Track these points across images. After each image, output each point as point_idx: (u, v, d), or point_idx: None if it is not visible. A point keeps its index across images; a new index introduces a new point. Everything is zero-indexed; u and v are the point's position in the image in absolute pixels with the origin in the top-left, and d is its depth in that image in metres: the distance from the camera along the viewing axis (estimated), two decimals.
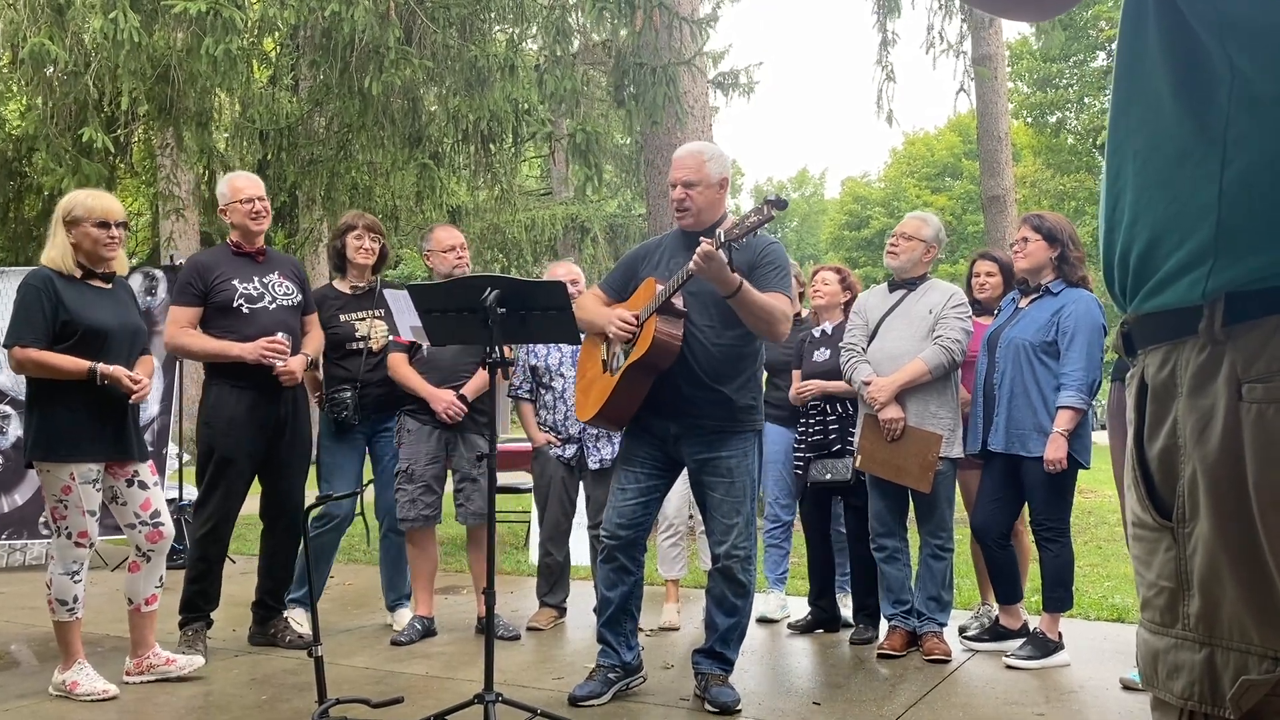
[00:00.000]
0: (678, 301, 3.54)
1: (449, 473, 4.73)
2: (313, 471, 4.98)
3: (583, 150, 7.67)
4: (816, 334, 4.85)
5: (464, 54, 7.36)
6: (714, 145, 3.83)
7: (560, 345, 4.81)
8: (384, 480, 4.82)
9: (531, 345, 4.92)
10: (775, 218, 3.42)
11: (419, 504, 4.63)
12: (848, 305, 4.82)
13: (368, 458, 4.96)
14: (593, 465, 4.82)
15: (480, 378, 4.59)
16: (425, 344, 4.46)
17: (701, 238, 3.40)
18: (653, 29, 7.38)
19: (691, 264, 3.34)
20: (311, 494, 4.80)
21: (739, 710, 3.53)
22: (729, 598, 3.65)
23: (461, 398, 4.55)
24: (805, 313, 5.21)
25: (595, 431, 4.80)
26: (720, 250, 3.29)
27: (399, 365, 4.66)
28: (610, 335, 3.64)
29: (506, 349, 3.93)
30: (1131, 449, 1.12)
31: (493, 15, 8.48)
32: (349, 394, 4.63)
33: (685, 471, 3.82)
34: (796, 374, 4.83)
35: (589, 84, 8.30)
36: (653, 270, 3.70)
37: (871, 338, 4.41)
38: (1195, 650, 1.03)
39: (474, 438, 4.63)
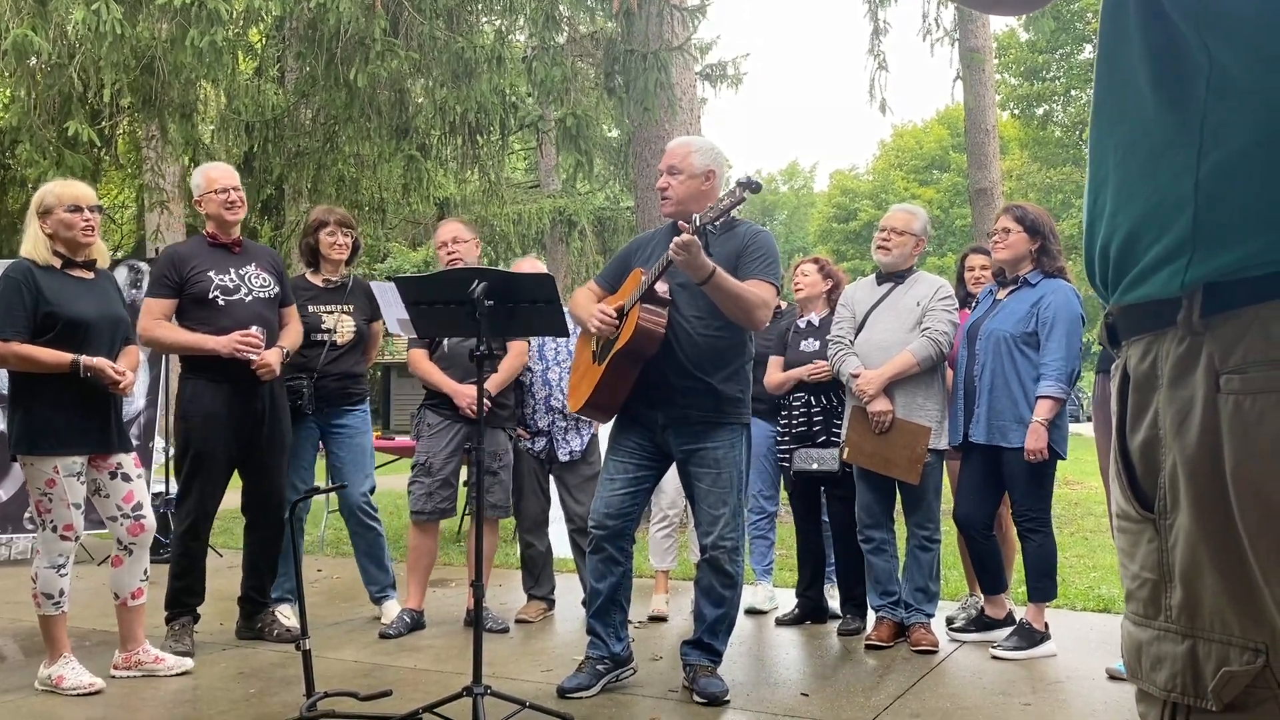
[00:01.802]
0: (662, 290, 3.55)
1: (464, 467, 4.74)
2: None
3: (573, 135, 7.64)
4: (802, 325, 4.85)
5: (451, 45, 7.33)
6: (706, 140, 3.86)
7: (529, 339, 4.81)
8: (341, 476, 4.77)
9: None
10: (748, 200, 3.46)
11: (436, 497, 4.64)
12: (830, 295, 4.82)
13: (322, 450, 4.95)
14: (562, 457, 4.84)
15: (503, 372, 4.63)
16: (409, 335, 4.46)
17: (680, 224, 3.43)
18: (635, 12, 7.35)
19: (669, 251, 3.36)
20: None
21: (727, 701, 3.54)
22: (716, 589, 3.65)
23: (485, 392, 4.54)
24: (784, 304, 5.22)
25: (564, 424, 4.84)
26: (696, 236, 3.32)
27: (419, 361, 4.68)
28: (592, 330, 3.65)
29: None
30: (1114, 440, 1.12)
31: (480, 6, 8.44)
32: (304, 383, 4.62)
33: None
34: (776, 361, 4.83)
35: (578, 75, 8.26)
36: (644, 262, 3.71)
37: (859, 330, 4.42)
38: (1177, 642, 1.03)
39: (496, 432, 4.66)
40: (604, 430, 4.52)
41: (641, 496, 3.80)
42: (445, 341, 4.67)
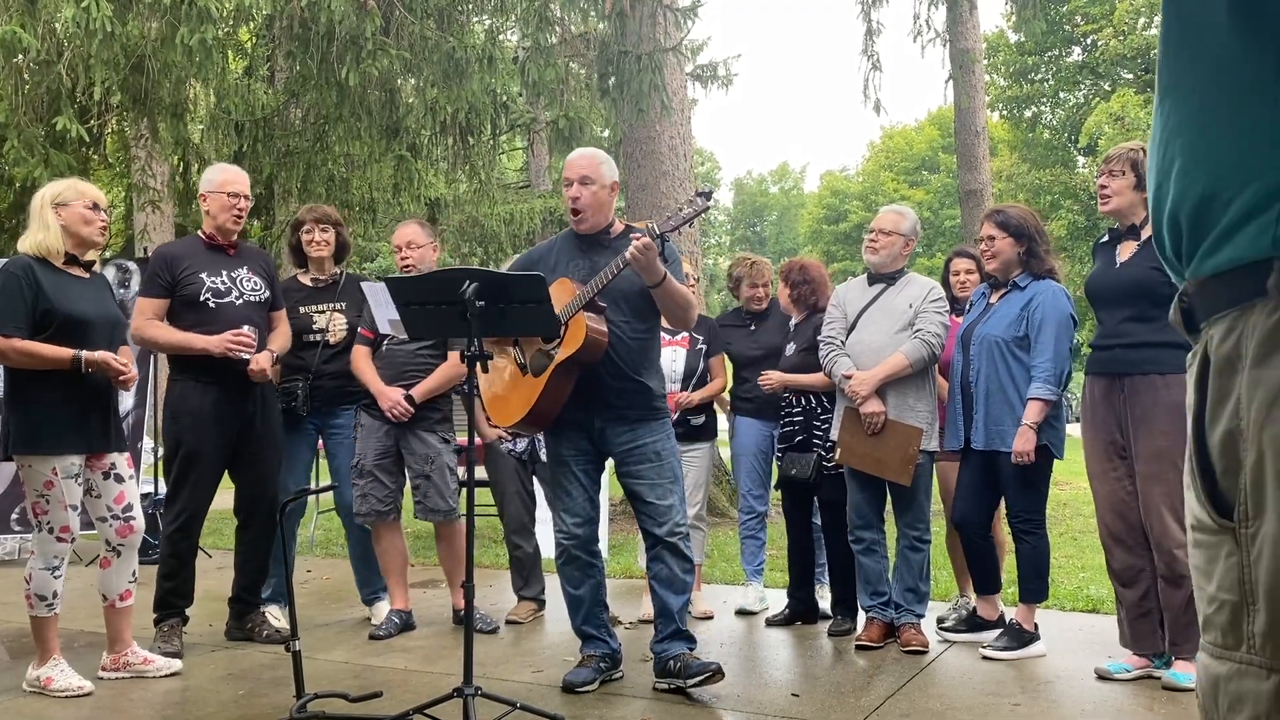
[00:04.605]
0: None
1: (406, 469, 4.70)
2: None
3: (566, 138, 7.65)
4: (790, 328, 4.89)
5: (442, 45, 7.31)
6: (604, 153, 3.95)
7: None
8: (339, 477, 4.78)
9: None
10: (709, 209, 3.63)
11: (370, 499, 4.61)
12: (802, 298, 4.81)
13: (322, 452, 4.94)
14: (545, 457, 4.83)
15: (433, 379, 4.57)
16: (400, 336, 4.45)
17: (631, 231, 3.53)
18: (628, 14, 7.36)
19: (628, 254, 3.45)
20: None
21: (722, 674, 3.59)
22: (679, 575, 3.71)
23: (409, 398, 4.53)
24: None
25: None
26: (654, 241, 3.44)
27: (358, 359, 4.65)
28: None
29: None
30: (1191, 438, 0.96)
31: (470, 6, 8.42)
32: (300, 384, 4.62)
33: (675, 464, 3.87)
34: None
35: (570, 77, 8.26)
36: (550, 275, 3.71)
37: (850, 330, 4.42)
38: (1262, 677, 0.88)
39: (426, 435, 4.61)
40: None
41: (598, 498, 3.92)
42: (385, 342, 4.64)
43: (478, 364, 3.23)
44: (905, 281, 4.44)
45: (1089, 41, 25.43)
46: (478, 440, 5.09)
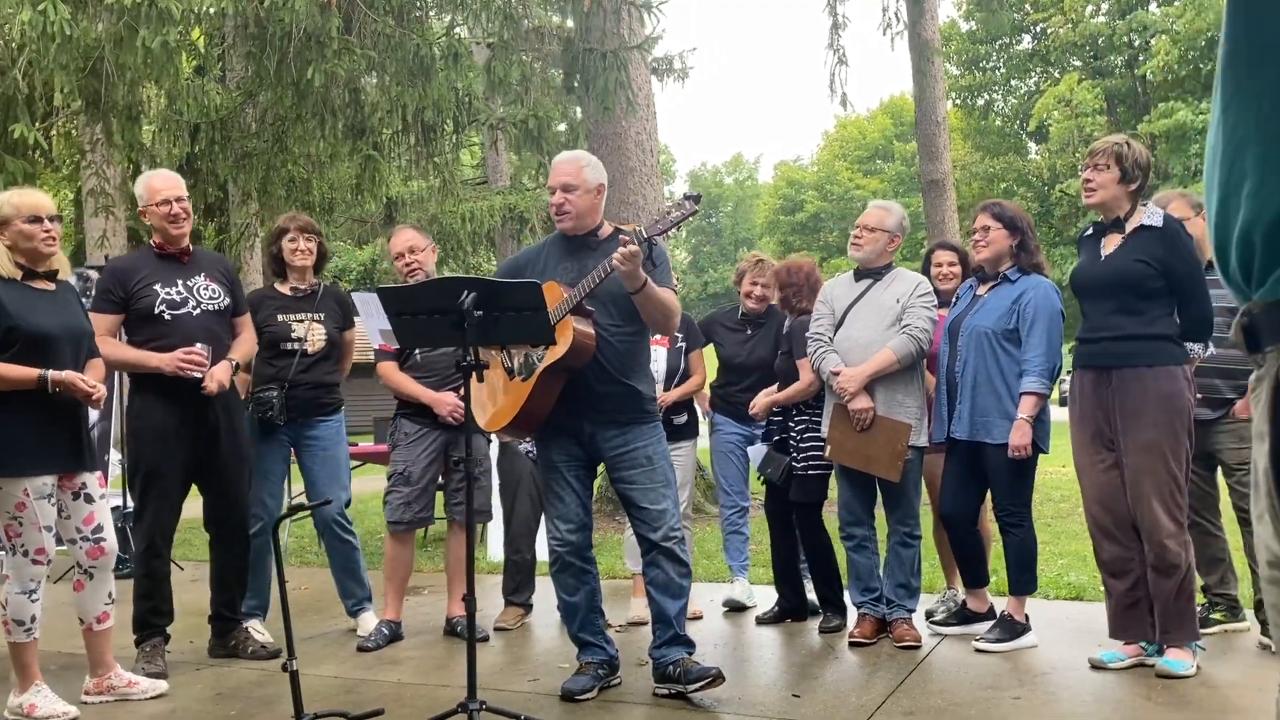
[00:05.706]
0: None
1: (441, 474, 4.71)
2: None
3: (535, 136, 7.58)
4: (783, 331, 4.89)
5: (406, 43, 7.21)
6: (591, 155, 3.93)
7: None
8: (317, 490, 4.69)
9: None
10: (697, 212, 3.57)
11: (414, 507, 4.58)
12: (786, 302, 4.84)
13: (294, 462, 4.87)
14: None
15: None
16: (392, 345, 4.39)
17: (621, 236, 3.48)
18: (601, 12, 7.31)
19: (615, 260, 3.41)
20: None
21: (723, 678, 3.58)
22: (675, 580, 3.70)
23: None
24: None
25: None
26: (641, 246, 3.41)
27: (390, 373, 4.61)
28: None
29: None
30: (1267, 471, 0.91)
31: (429, 0, 8.32)
32: (275, 394, 4.53)
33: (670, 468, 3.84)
34: (804, 363, 4.64)
35: (533, 74, 8.18)
36: (539, 279, 3.68)
37: (838, 326, 4.42)
38: None
39: (476, 437, 4.58)
40: None
41: (590, 504, 3.88)
42: (416, 351, 4.59)
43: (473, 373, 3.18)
44: (892, 277, 4.44)
45: (1039, 29, 25.76)
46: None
